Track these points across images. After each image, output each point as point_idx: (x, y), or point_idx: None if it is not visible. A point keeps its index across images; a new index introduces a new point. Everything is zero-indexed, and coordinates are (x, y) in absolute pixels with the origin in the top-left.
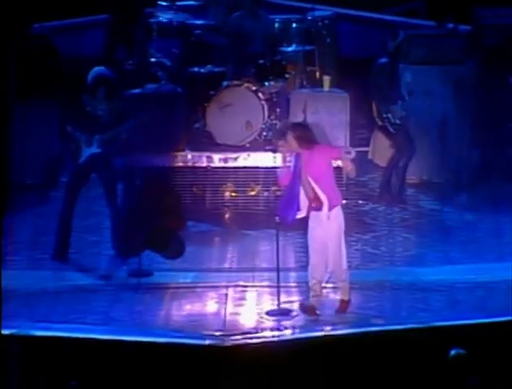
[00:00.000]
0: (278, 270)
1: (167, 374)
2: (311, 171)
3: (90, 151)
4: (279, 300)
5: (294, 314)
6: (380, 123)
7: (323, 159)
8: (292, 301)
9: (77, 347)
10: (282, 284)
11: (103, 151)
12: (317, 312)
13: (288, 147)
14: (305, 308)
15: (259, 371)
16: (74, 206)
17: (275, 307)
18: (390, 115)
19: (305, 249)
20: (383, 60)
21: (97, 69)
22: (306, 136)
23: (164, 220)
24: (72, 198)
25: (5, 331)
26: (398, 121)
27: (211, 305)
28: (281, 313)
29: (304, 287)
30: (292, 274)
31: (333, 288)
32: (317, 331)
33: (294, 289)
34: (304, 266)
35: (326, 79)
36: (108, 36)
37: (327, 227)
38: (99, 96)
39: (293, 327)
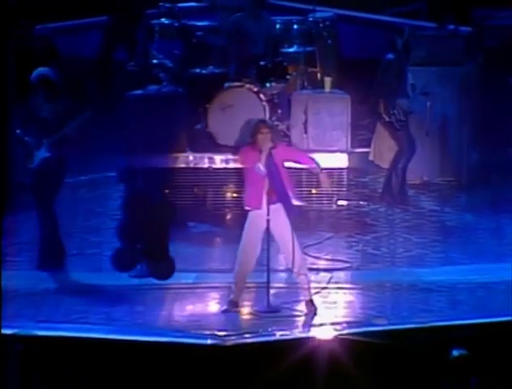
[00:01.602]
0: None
1: (168, 374)
2: (276, 166)
3: (40, 155)
4: (268, 300)
5: (293, 313)
6: (387, 119)
7: (283, 157)
8: (295, 301)
9: (79, 346)
10: (281, 285)
11: (53, 154)
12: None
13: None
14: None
15: (260, 371)
16: (51, 210)
17: (275, 307)
18: (396, 111)
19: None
20: (391, 56)
21: (39, 69)
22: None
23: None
24: (46, 206)
25: (7, 331)
26: (403, 118)
27: (212, 306)
28: (278, 312)
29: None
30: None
31: (335, 288)
32: (317, 331)
33: (295, 290)
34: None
35: (327, 80)
36: (105, 37)
37: (277, 220)
38: (41, 96)
39: (294, 327)
